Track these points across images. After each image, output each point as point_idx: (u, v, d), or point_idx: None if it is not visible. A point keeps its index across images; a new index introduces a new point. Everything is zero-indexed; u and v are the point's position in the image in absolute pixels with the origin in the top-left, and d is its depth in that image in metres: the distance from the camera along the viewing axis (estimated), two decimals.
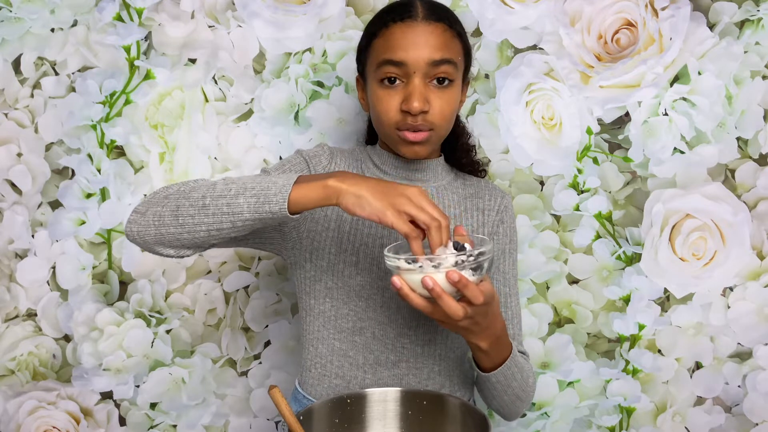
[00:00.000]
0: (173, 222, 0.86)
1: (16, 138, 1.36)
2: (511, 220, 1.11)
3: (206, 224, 0.85)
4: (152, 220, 0.88)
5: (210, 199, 0.85)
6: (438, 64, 0.95)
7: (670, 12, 1.32)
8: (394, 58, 0.95)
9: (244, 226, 0.84)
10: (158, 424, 1.42)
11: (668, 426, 1.42)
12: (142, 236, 0.89)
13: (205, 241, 0.87)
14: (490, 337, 0.89)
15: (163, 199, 0.88)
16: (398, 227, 0.79)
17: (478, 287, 0.80)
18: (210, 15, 1.33)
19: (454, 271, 0.78)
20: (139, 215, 0.89)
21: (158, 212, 0.87)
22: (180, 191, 0.88)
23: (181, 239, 0.87)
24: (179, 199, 0.87)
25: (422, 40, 0.94)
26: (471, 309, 0.81)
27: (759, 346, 1.39)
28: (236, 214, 0.83)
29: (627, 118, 1.35)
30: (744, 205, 1.36)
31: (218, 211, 0.84)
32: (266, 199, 0.82)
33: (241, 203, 0.83)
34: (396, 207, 0.79)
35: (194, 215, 0.85)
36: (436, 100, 0.96)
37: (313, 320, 1.04)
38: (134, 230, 0.89)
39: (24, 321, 1.40)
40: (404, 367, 1.03)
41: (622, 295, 1.38)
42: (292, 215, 0.83)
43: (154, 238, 0.88)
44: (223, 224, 0.84)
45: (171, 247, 0.89)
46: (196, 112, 1.35)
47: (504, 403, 1.00)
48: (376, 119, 1.01)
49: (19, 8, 1.33)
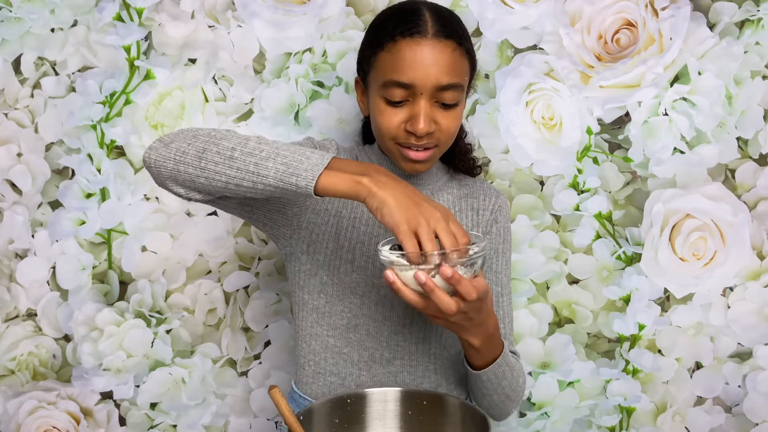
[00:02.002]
0: (195, 162, 0.84)
1: (16, 138, 1.36)
2: (506, 220, 1.11)
3: (227, 176, 0.82)
4: (174, 154, 0.85)
5: (239, 153, 0.82)
6: (445, 89, 0.93)
7: (670, 12, 1.32)
8: (401, 80, 0.93)
9: (264, 190, 0.82)
10: (158, 424, 1.42)
11: (668, 426, 1.42)
12: (158, 166, 0.86)
13: (220, 191, 0.85)
14: (482, 333, 0.89)
15: (192, 138, 0.86)
16: (404, 247, 0.78)
17: (471, 283, 0.80)
18: (210, 15, 1.33)
19: (447, 266, 0.78)
20: (162, 144, 0.86)
21: (183, 148, 0.85)
22: (210, 134, 0.86)
23: (197, 182, 0.84)
24: (208, 143, 0.84)
25: (431, 60, 0.92)
26: (464, 304, 0.81)
27: (759, 346, 1.39)
28: (261, 176, 0.81)
29: (627, 118, 1.35)
30: (744, 205, 1.36)
31: (243, 168, 0.81)
32: (295, 171, 0.80)
33: (269, 167, 0.80)
34: (411, 226, 0.78)
35: (218, 163, 0.82)
36: (443, 119, 0.96)
37: (307, 316, 1.04)
38: (152, 157, 0.86)
39: (24, 321, 1.40)
40: (399, 365, 1.03)
41: (622, 295, 1.38)
42: (315, 196, 0.81)
43: (171, 172, 0.85)
44: (244, 181, 0.82)
45: (183, 186, 0.86)
46: (196, 112, 1.35)
47: (494, 403, 1.00)
48: (376, 130, 1.00)
49: (19, 8, 1.33)
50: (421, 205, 0.80)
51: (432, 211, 0.80)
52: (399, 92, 0.94)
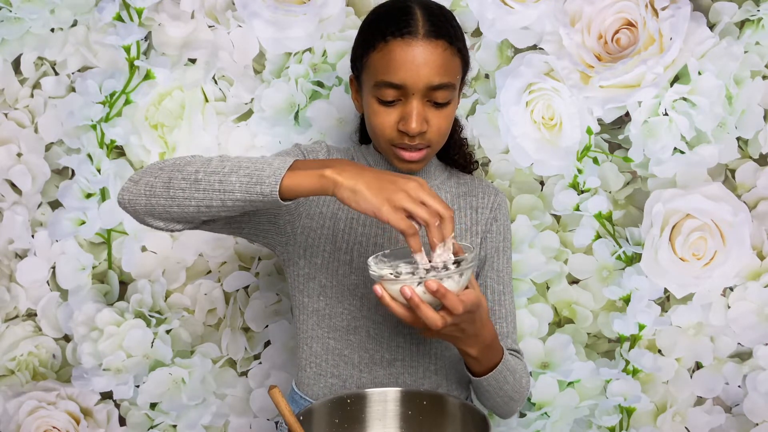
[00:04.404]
0: (164, 194, 0.85)
1: (16, 138, 1.36)
2: (505, 218, 1.10)
3: (196, 199, 0.83)
4: (144, 190, 0.86)
5: (203, 174, 0.83)
6: (436, 89, 0.94)
7: (670, 12, 1.32)
8: (393, 81, 0.93)
9: (234, 206, 0.83)
10: (158, 424, 1.42)
11: (668, 426, 1.42)
12: (132, 205, 0.88)
13: (195, 216, 0.86)
14: (478, 344, 0.89)
15: (158, 171, 0.87)
16: (394, 224, 0.77)
17: (458, 297, 0.79)
18: (210, 15, 1.33)
19: (433, 280, 0.77)
20: (132, 183, 0.88)
21: (150, 182, 0.86)
22: (175, 164, 0.87)
23: (171, 212, 0.86)
24: (172, 172, 0.85)
25: (422, 60, 0.92)
26: (451, 318, 0.80)
27: (759, 346, 1.39)
28: (227, 192, 0.82)
29: (627, 118, 1.35)
30: (744, 205, 1.36)
31: (209, 188, 0.82)
32: (258, 180, 0.80)
33: (233, 181, 0.81)
34: (393, 203, 0.77)
35: (185, 189, 0.84)
36: (434, 118, 0.96)
37: (307, 318, 1.04)
38: (125, 198, 0.88)
39: (24, 321, 1.40)
40: (400, 366, 1.03)
41: (622, 295, 1.38)
42: (284, 201, 0.81)
43: (145, 208, 0.87)
44: (213, 201, 0.83)
45: (160, 219, 0.87)
46: (196, 112, 1.35)
47: (497, 404, 1.00)
48: (371, 130, 1.00)
49: (19, 8, 1.33)
50: (395, 181, 0.79)
51: (407, 182, 0.79)
52: (391, 92, 0.94)
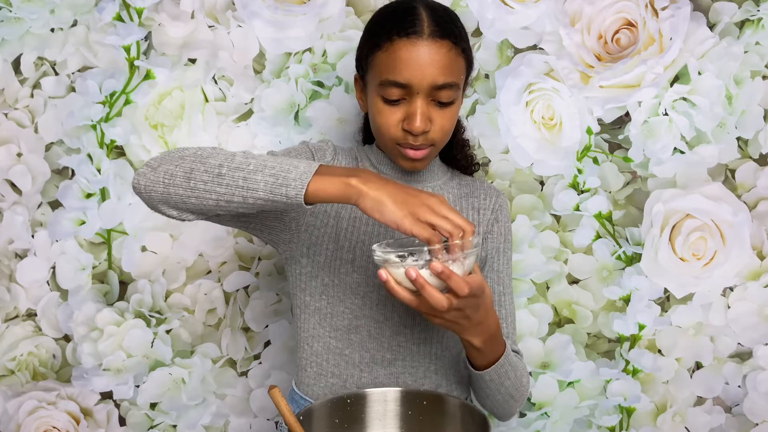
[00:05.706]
0: (184, 184, 0.84)
1: (16, 138, 1.36)
2: (506, 219, 1.11)
3: (217, 194, 0.82)
4: (162, 178, 0.85)
5: (227, 170, 0.82)
6: (441, 88, 0.94)
7: (670, 12, 1.32)
8: (398, 80, 0.94)
9: (255, 204, 0.82)
10: (158, 424, 1.42)
11: (668, 426, 1.42)
12: (148, 191, 0.86)
13: (212, 210, 0.85)
14: (483, 333, 0.89)
15: (178, 159, 0.86)
16: (418, 233, 0.78)
17: (464, 279, 0.79)
18: (210, 15, 1.33)
19: (438, 262, 0.78)
20: (150, 169, 0.86)
21: (170, 171, 0.85)
22: (197, 154, 0.86)
23: (188, 203, 0.85)
24: (195, 163, 0.84)
25: (426, 60, 0.93)
26: (456, 301, 0.80)
27: (759, 346, 1.39)
28: (251, 190, 0.81)
29: (627, 118, 1.35)
30: (744, 205, 1.36)
31: (233, 183, 0.82)
32: (284, 182, 0.80)
33: (258, 180, 0.81)
34: (416, 215, 0.78)
35: (207, 182, 0.83)
36: (438, 118, 0.97)
37: (309, 318, 1.04)
38: (141, 183, 0.86)
39: (24, 321, 1.40)
40: (400, 366, 1.03)
41: (622, 295, 1.38)
42: (306, 205, 0.81)
43: (161, 196, 0.85)
44: (234, 197, 0.82)
45: (175, 208, 0.86)
46: (196, 112, 1.35)
47: (497, 403, 0.99)
48: (375, 130, 1.01)
49: (19, 8, 1.33)
50: (418, 195, 0.81)
51: (429, 197, 0.81)
52: (396, 91, 0.95)
